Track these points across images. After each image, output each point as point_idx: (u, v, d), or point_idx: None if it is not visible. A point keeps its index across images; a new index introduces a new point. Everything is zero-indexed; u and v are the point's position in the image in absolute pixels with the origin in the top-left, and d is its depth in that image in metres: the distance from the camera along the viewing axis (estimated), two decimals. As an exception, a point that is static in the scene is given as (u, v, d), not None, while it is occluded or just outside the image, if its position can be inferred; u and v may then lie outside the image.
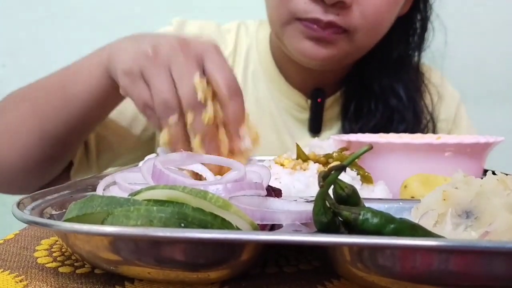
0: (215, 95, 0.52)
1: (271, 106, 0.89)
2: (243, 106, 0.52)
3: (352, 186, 0.35)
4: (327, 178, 0.32)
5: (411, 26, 0.89)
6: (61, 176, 0.79)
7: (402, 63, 0.88)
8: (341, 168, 0.32)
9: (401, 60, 0.88)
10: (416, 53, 0.90)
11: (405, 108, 0.86)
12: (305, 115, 0.89)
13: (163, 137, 0.52)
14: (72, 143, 0.73)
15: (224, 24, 0.95)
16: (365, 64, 0.87)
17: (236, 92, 0.52)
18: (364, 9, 0.73)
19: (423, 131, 0.87)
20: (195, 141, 0.50)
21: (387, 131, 0.77)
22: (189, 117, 0.51)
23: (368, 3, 0.73)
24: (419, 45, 0.90)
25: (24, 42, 1.31)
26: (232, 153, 0.52)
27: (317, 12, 0.72)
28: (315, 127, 0.88)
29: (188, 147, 0.52)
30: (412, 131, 0.81)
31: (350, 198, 0.34)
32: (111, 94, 0.65)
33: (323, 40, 0.75)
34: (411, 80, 0.89)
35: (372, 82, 0.87)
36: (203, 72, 0.52)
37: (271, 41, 0.90)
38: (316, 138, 0.70)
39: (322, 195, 0.32)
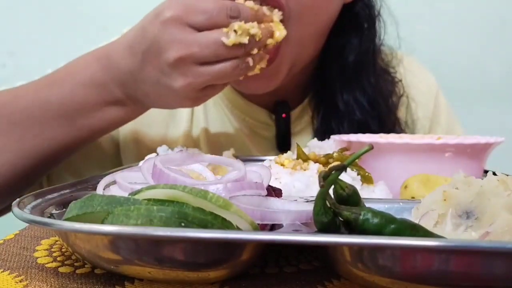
0: None
1: (236, 127, 0.82)
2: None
3: (352, 186, 0.35)
4: (328, 178, 0.32)
5: (357, 17, 0.80)
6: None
7: (361, 67, 0.80)
8: (342, 168, 0.32)
9: (359, 63, 0.80)
10: (371, 49, 0.81)
11: (371, 117, 0.79)
12: (272, 132, 0.82)
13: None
14: (61, 160, 0.70)
15: None
16: (324, 71, 0.81)
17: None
18: None
19: (394, 123, 0.82)
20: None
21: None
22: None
23: None
24: (372, 40, 0.81)
25: (24, 42, 1.31)
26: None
27: None
28: (283, 146, 0.82)
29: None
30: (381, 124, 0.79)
31: (351, 198, 0.34)
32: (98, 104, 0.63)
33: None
34: (373, 84, 0.81)
35: (334, 97, 0.80)
36: None
37: None
38: (315, 139, 0.66)
39: (322, 195, 0.32)
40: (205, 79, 0.56)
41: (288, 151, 0.58)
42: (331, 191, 0.34)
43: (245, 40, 0.55)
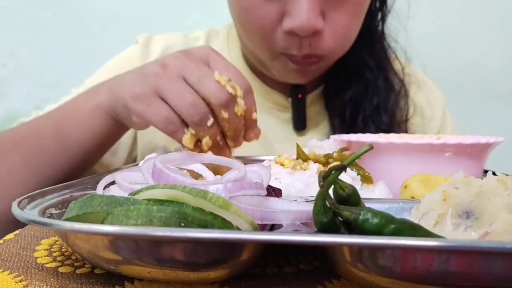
0: None
1: None
2: (254, 100, 0.57)
3: (352, 186, 0.35)
4: (327, 178, 0.32)
5: None
6: None
7: (369, 34, 0.87)
8: (342, 168, 0.32)
9: (368, 30, 0.86)
10: (380, 19, 0.89)
11: (377, 77, 0.86)
12: (288, 114, 0.88)
13: (188, 141, 0.53)
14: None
15: (191, 34, 0.94)
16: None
17: (248, 89, 0.56)
18: (334, 29, 0.73)
19: (398, 100, 0.87)
20: (231, 135, 0.55)
21: (361, 103, 0.81)
22: (224, 114, 0.53)
23: (337, 23, 0.72)
24: (381, 9, 0.88)
25: (24, 42, 1.31)
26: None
27: (292, 48, 0.73)
28: (300, 124, 0.87)
29: (220, 148, 0.55)
30: (385, 102, 0.84)
31: (350, 198, 0.34)
32: (113, 134, 0.65)
33: (303, 70, 0.77)
34: (379, 49, 0.89)
35: (345, 60, 0.86)
36: None
37: (243, 46, 0.88)
38: (315, 139, 0.69)
39: (322, 195, 0.32)
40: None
41: (277, 152, 0.59)
42: (331, 191, 0.34)
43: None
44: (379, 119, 0.85)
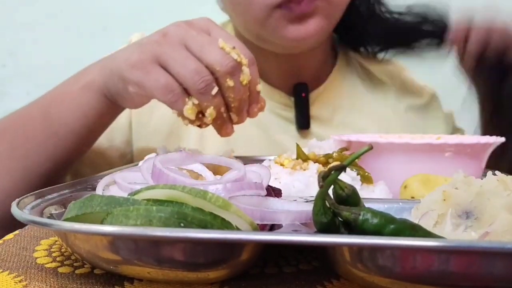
0: None
1: None
2: (257, 72, 0.54)
3: (352, 186, 0.35)
4: (327, 178, 0.32)
5: None
6: None
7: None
8: (341, 168, 0.32)
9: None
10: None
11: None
12: (291, 113, 0.86)
13: (189, 112, 0.50)
14: (59, 176, 0.67)
15: None
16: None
17: (252, 59, 0.53)
18: None
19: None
20: (235, 107, 0.52)
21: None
22: (230, 82, 0.50)
23: None
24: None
25: (24, 42, 1.31)
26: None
27: None
28: (303, 123, 0.85)
29: (223, 121, 0.53)
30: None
31: (350, 198, 0.34)
32: (105, 115, 0.62)
33: (304, 16, 0.73)
34: None
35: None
36: None
37: (239, 31, 0.85)
38: (315, 139, 0.69)
39: (322, 195, 0.32)
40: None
41: (281, 152, 0.58)
42: (330, 191, 0.33)
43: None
44: None
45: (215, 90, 0.50)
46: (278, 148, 0.83)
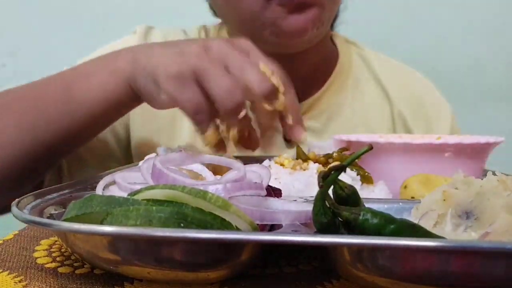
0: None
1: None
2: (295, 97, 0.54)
3: (352, 186, 0.35)
4: (327, 178, 0.32)
5: None
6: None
7: None
8: (341, 168, 0.32)
9: None
10: None
11: None
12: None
13: (209, 138, 0.50)
14: (64, 155, 0.67)
15: (190, 29, 0.91)
16: None
17: (289, 83, 0.53)
18: None
19: None
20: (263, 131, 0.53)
21: None
22: (266, 106, 0.50)
23: None
24: None
25: (24, 42, 1.31)
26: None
27: None
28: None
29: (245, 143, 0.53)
30: None
31: (350, 198, 0.34)
32: (124, 104, 0.60)
33: (304, 5, 0.72)
34: None
35: None
36: None
37: (235, 27, 0.83)
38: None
39: (322, 195, 0.32)
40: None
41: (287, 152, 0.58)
42: (330, 191, 0.33)
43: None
44: None
45: (243, 113, 0.50)
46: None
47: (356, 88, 0.88)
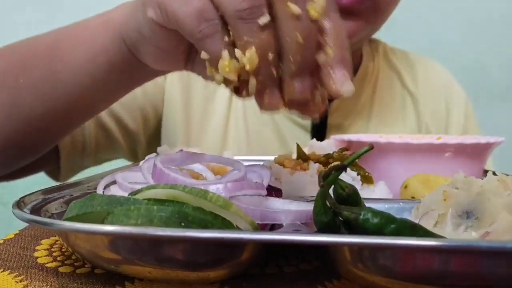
0: None
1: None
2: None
3: (352, 186, 0.35)
4: (327, 178, 0.32)
5: None
6: (44, 167, 0.68)
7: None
8: (342, 168, 0.32)
9: None
10: None
11: None
12: (308, 121, 0.82)
13: (226, 68, 0.33)
14: (52, 131, 0.56)
15: None
16: None
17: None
18: None
19: None
20: (294, 58, 0.32)
21: None
22: (292, 7, 0.32)
23: None
24: None
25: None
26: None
27: None
28: (318, 134, 0.82)
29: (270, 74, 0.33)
30: None
31: (350, 197, 0.34)
32: (118, 68, 0.47)
33: (351, 13, 0.69)
34: None
35: None
36: None
37: None
38: (314, 139, 0.67)
39: (322, 195, 0.32)
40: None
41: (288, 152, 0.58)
42: (331, 191, 0.34)
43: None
44: None
45: (264, 18, 0.32)
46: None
47: (380, 87, 0.89)
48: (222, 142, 0.82)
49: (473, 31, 1.35)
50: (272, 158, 0.56)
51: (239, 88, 0.35)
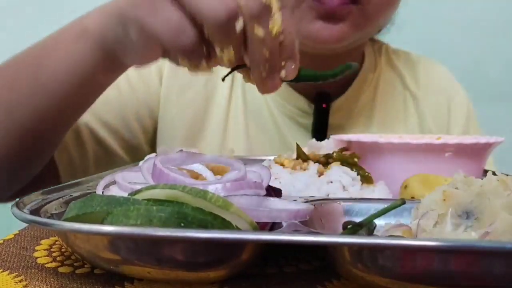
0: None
1: (274, 112, 0.83)
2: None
3: None
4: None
5: None
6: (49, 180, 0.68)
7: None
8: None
9: None
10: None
11: None
12: (309, 121, 0.83)
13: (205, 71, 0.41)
14: (47, 136, 0.60)
15: None
16: None
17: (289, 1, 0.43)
18: None
19: None
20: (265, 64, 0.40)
21: None
22: (258, 30, 0.39)
23: None
24: None
25: (24, 42, 1.31)
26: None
27: None
28: (319, 134, 0.81)
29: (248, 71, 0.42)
30: None
31: None
32: (101, 72, 0.52)
33: (334, 16, 0.70)
34: None
35: None
36: None
37: None
38: (313, 139, 0.67)
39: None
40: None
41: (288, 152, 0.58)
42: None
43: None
44: None
45: (239, 24, 0.39)
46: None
47: (381, 87, 0.88)
48: (222, 142, 0.82)
49: (472, 31, 1.35)
50: (272, 158, 0.56)
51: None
